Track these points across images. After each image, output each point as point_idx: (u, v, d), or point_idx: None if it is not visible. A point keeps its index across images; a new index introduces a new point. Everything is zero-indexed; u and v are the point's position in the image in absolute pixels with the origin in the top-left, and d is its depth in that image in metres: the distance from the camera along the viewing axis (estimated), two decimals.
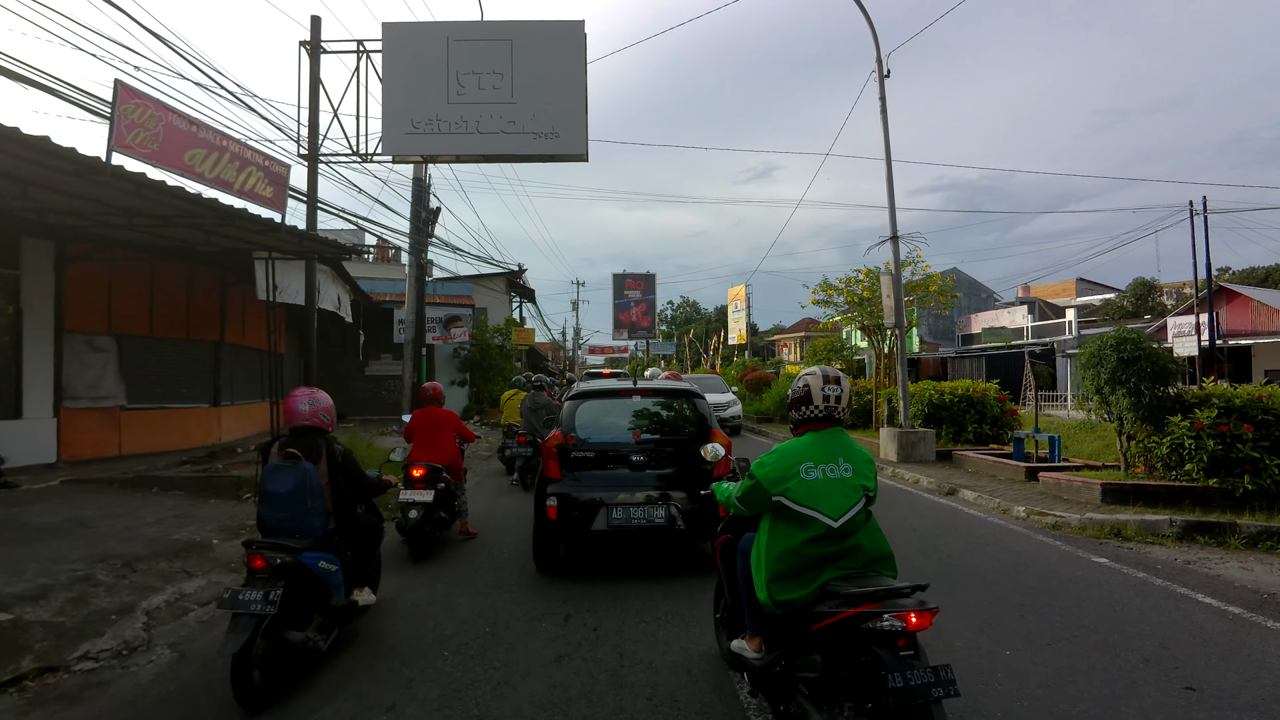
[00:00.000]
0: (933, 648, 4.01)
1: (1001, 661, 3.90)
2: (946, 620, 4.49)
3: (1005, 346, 39.39)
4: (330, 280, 13.23)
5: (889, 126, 12.16)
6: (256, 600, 3.39)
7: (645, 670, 3.84)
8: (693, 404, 6.05)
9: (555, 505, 5.44)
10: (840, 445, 2.96)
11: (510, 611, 4.86)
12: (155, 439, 11.51)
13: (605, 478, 5.60)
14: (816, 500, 2.82)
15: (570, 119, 11.29)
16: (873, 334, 14.97)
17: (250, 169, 7.12)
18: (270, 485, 3.98)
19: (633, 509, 5.39)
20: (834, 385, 2.99)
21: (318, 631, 3.91)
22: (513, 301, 31.13)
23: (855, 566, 2.83)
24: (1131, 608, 4.81)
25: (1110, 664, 3.88)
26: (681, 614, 4.70)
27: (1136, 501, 7.39)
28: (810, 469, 2.86)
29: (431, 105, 11.30)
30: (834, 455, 2.91)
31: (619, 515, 5.39)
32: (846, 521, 2.81)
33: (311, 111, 11.40)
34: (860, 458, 2.97)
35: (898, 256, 12.30)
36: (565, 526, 5.45)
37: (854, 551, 2.84)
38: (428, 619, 4.75)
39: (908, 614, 2.47)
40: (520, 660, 4.01)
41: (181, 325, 12.24)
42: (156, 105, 6.08)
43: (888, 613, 2.47)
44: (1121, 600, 4.98)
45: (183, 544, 6.34)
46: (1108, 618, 4.61)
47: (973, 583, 5.36)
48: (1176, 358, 7.96)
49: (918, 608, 2.49)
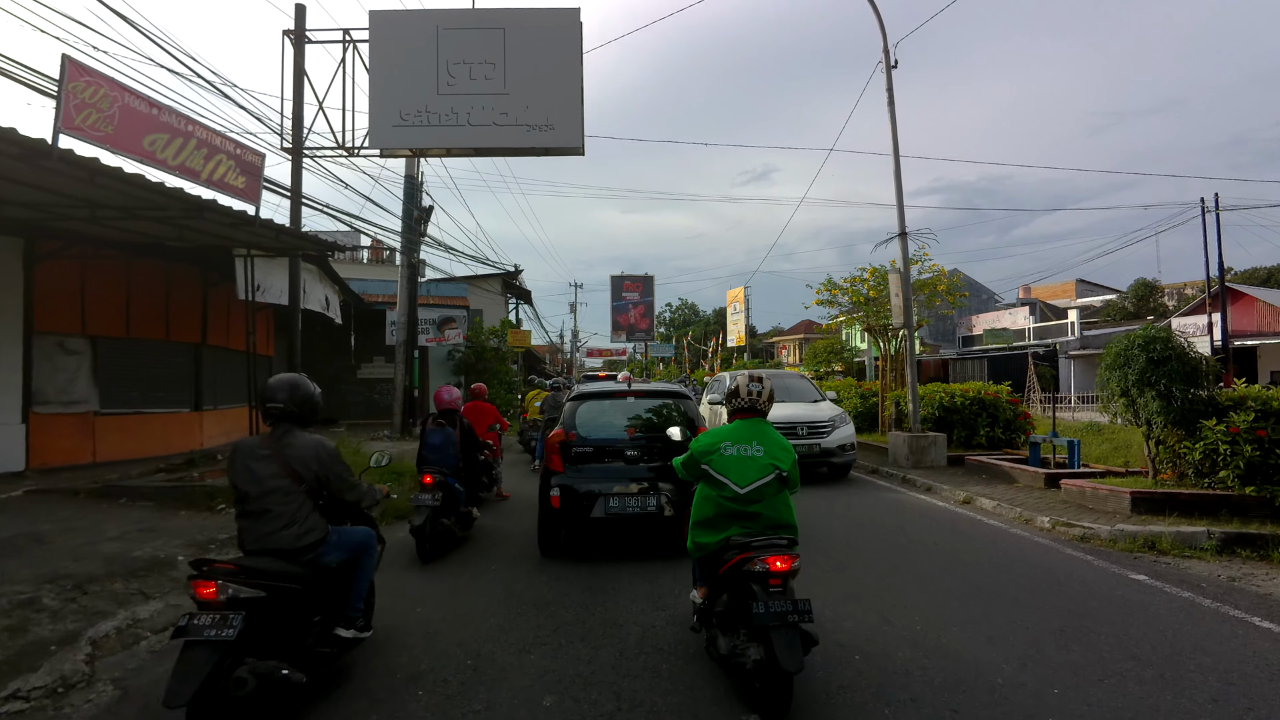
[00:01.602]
0: (973, 688, 3.56)
1: (1050, 703, 3.43)
2: (983, 653, 4.02)
3: (1007, 348, 38.97)
4: (317, 280, 12.75)
5: (896, 119, 11.71)
6: (428, 501, 6.05)
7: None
8: (681, 404, 6.68)
9: (558, 495, 6.01)
10: (758, 432, 3.77)
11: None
12: (132, 445, 11.00)
13: (603, 470, 6.15)
14: (728, 470, 3.64)
15: (565, 111, 10.84)
16: (878, 335, 14.51)
17: (219, 157, 6.62)
18: (430, 439, 6.61)
19: (627, 498, 5.95)
20: (756, 383, 3.88)
21: (456, 524, 6.59)
22: (509, 303, 30.64)
23: (756, 529, 3.58)
24: (1184, 634, 4.34)
25: (1174, 705, 3.40)
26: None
27: (1169, 511, 6.92)
28: (729, 447, 3.70)
29: (420, 96, 10.85)
30: (750, 439, 3.72)
31: (615, 504, 5.94)
32: (752, 490, 3.59)
33: (296, 103, 10.94)
34: (775, 444, 3.74)
35: (906, 254, 11.83)
36: (567, 514, 6.02)
37: (756, 517, 3.60)
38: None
39: (772, 558, 3.28)
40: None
41: (160, 326, 11.75)
42: (110, 84, 5.59)
43: (758, 557, 3.31)
44: (1171, 625, 4.51)
45: (144, 562, 5.85)
46: (1160, 647, 4.14)
47: (1004, 605, 4.89)
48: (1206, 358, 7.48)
49: (781, 554, 3.32)
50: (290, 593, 3.27)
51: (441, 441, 6.57)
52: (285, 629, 3.27)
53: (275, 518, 3.40)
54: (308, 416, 3.66)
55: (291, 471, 3.46)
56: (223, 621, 2.88)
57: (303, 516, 3.46)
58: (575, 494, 5.96)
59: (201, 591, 3.00)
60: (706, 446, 3.74)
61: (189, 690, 2.71)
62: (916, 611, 4.74)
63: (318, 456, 3.55)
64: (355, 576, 3.79)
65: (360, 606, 3.82)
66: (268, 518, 3.40)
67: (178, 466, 10.13)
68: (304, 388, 3.64)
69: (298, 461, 3.48)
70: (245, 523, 3.45)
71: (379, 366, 22.28)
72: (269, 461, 3.45)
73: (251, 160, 7.18)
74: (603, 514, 5.90)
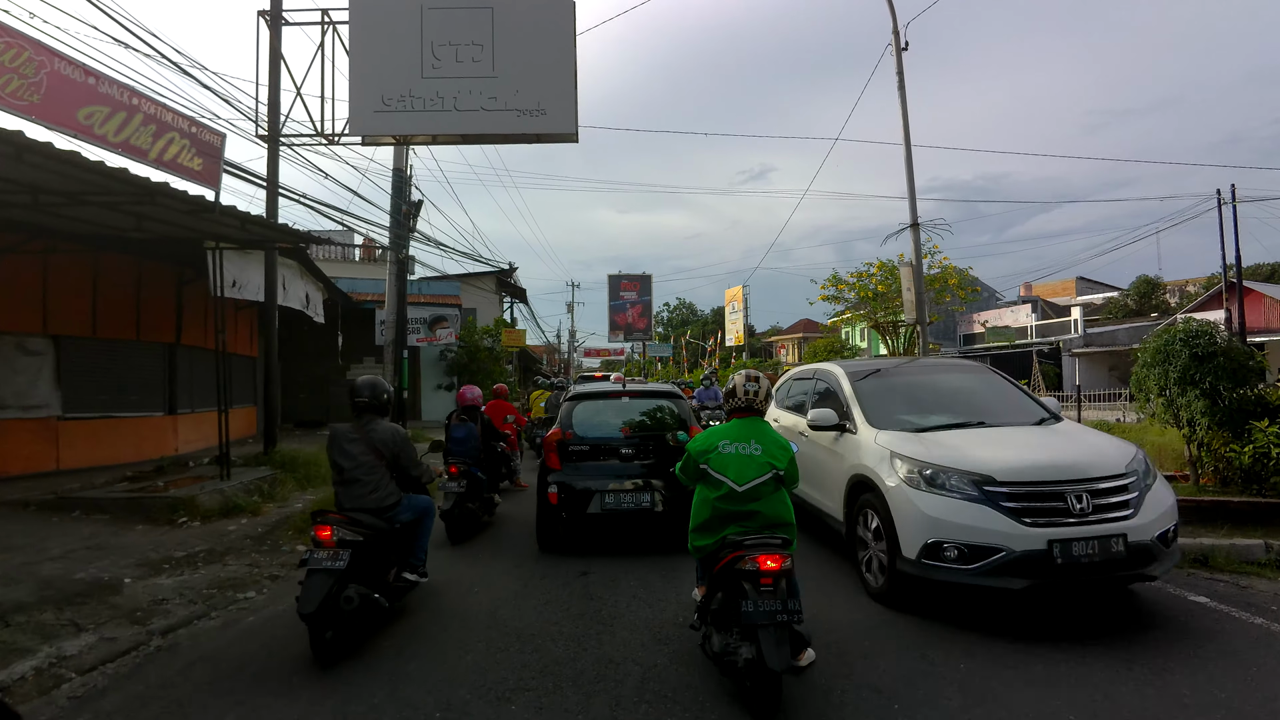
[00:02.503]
0: None
1: None
2: (1042, 699, 3.42)
3: (1009, 346, 38.41)
4: (297, 276, 12.11)
5: (907, 103, 11.12)
6: (454, 488, 6.68)
7: None
8: (673, 404, 6.82)
9: (556, 492, 6.19)
10: (756, 430, 3.73)
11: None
12: (100, 452, 10.37)
13: (598, 468, 6.33)
14: (726, 469, 3.60)
15: (558, 94, 10.21)
16: (887, 331, 13.92)
17: (171, 135, 5.99)
18: (454, 434, 7.39)
19: (622, 495, 6.16)
20: (753, 383, 3.82)
21: (480, 508, 7.26)
22: (503, 302, 29.98)
23: (754, 527, 3.54)
24: (1271, 672, 3.74)
25: None
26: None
27: (1220, 522, 6.32)
28: (727, 445, 3.66)
29: (404, 80, 10.22)
30: (748, 437, 3.68)
31: (611, 500, 6.14)
32: (750, 489, 3.55)
33: (271, 89, 10.31)
34: (773, 443, 3.69)
35: (919, 246, 11.25)
36: (565, 510, 6.19)
37: (754, 515, 3.56)
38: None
39: (763, 557, 3.26)
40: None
41: (130, 325, 11.11)
42: (36, 47, 4.95)
43: (748, 555, 3.29)
44: (1253, 659, 3.90)
45: (83, 585, 5.23)
46: (1248, 688, 3.54)
47: (1058, 633, 4.28)
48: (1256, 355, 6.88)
49: (773, 553, 3.28)
50: (378, 540, 4.31)
51: (465, 435, 7.45)
52: (374, 567, 4.29)
53: (363, 485, 4.37)
54: (385, 408, 4.64)
55: (375, 450, 4.42)
56: (335, 555, 3.95)
57: (383, 484, 4.45)
58: (572, 491, 6.18)
59: (320, 533, 4.05)
60: (704, 446, 3.74)
61: (314, 602, 3.76)
62: (955, 644, 4.13)
63: (394, 439, 4.55)
64: (419, 533, 4.86)
65: (421, 557, 4.91)
66: (358, 485, 4.36)
67: (145, 475, 9.49)
68: (381, 386, 4.63)
69: (379, 442, 4.45)
70: (342, 489, 4.41)
71: (369, 367, 21.58)
72: (358, 443, 4.41)
73: (209, 140, 6.52)
74: (599, 510, 6.13)
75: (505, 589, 5.39)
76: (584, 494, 6.14)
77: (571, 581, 5.54)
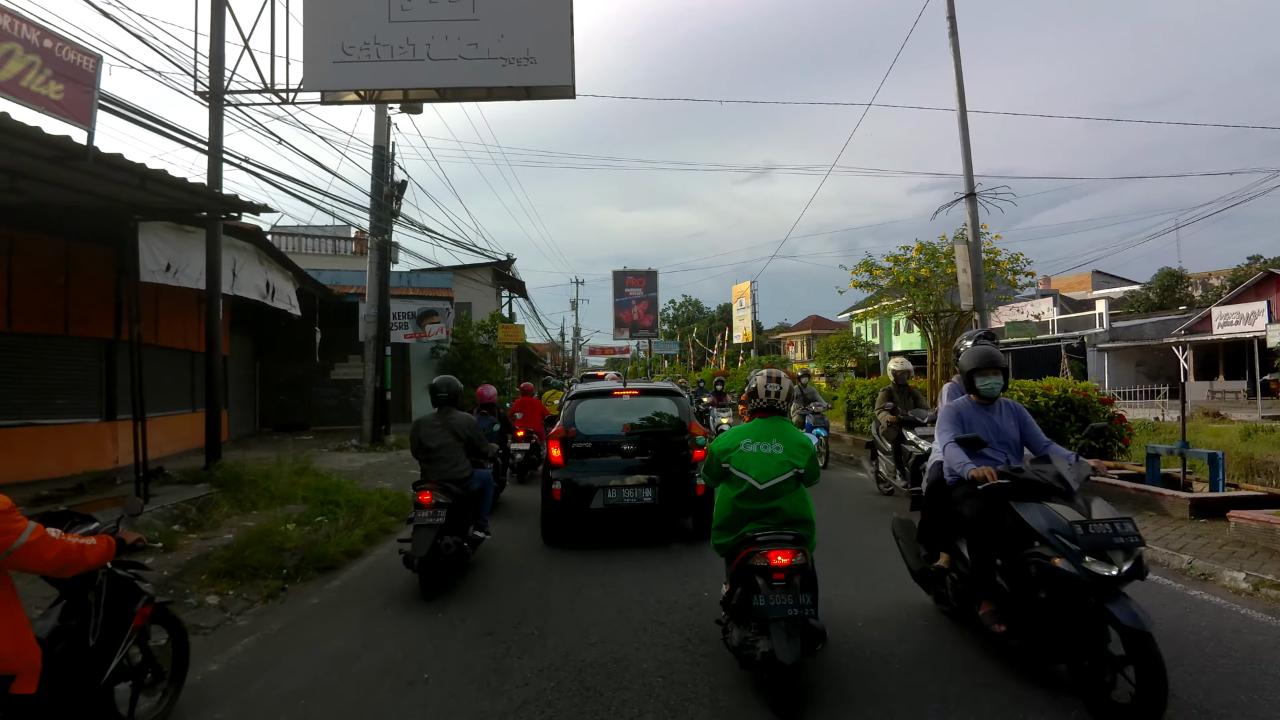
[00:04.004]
0: None
1: None
2: None
3: (1031, 341, 36.72)
4: (255, 261, 10.53)
5: (960, 53, 9.49)
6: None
7: None
8: (672, 401, 7.02)
9: (560, 488, 6.41)
10: (777, 430, 3.86)
11: None
12: (16, 465, 8.82)
13: (601, 464, 6.58)
14: (748, 466, 3.74)
15: (550, 40, 8.61)
16: (925, 323, 12.30)
17: (10, 48, 4.31)
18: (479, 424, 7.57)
19: (624, 490, 6.38)
20: (775, 383, 3.93)
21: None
22: (501, 296, 28.43)
23: (774, 524, 3.67)
24: None
25: None
26: None
27: None
28: (749, 444, 3.79)
29: (368, 25, 8.65)
30: (769, 436, 3.81)
31: (613, 495, 6.37)
32: (770, 487, 3.69)
33: (214, 38, 8.75)
34: (794, 442, 3.81)
35: (975, 220, 9.61)
36: (569, 505, 6.42)
37: (774, 512, 3.70)
38: None
39: (774, 552, 3.42)
40: None
41: (57, 319, 9.56)
42: None
43: (761, 551, 3.45)
44: None
45: None
46: None
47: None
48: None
49: (785, 548, 3.43)
50: (460, 503, 5.64)
51: (485, 426, 7.64)
52: (459, 524, 5.60)
53: (446, 461, 5.75)
54: (458, 400, 6.06)
55: (454, 434, 5.83)
56: (435, 513, 5.31)
57: (460, 460, 5.83)
58: (576, 487, 6.39)
59: (422, 497, 5.39)
60: (727, 445, 3.82)
61: (424, 549, 5.14)
62: None
63: (468, 425, 5.98)
64: (484, 498, 6.15)
65: (485, 518, 6.22)
66: (442, 462, 5.74)
67: (62, 494, 7.95)
68: (455, 384, 6.08)
69: (457, 427, 5.87)
70: (428, 465, 5.80)
71: (354, 366, 20.01)
72: (440, 429, 5.82)
73: (73, 59, 4.84)
74: (601, 505, 6.37)
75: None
76: (587, 490, 6.36)
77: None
